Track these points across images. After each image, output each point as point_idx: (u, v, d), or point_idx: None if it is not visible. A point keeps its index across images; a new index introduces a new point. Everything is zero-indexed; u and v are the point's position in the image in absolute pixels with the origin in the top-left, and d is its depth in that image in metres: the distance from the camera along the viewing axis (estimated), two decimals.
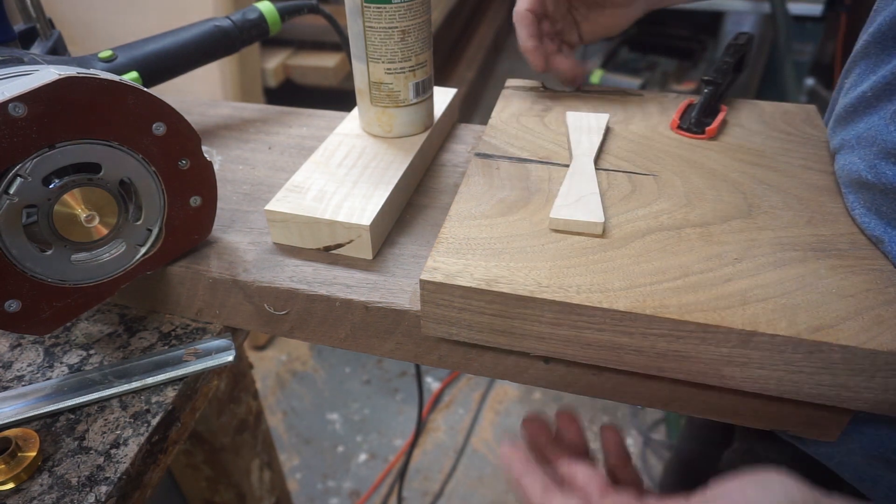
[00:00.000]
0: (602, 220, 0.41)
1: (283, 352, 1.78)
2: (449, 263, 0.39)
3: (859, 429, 0.41)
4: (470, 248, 0.40)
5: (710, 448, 0.65)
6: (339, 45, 0.60)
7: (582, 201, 0.43)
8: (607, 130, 0.53)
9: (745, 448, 0.58)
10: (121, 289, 0.44)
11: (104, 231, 0.41)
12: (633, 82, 2.12)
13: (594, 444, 1.52)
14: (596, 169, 0.48)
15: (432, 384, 1.68)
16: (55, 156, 0.37)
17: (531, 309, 0.38)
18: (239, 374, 0.81)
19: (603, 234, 0.41)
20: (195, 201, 0.45)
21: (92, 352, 0.46)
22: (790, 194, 0.45)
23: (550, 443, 0.44)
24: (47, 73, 0.36)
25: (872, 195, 0.40)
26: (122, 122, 0.39)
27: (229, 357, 0.46)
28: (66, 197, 0.38)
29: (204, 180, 0.44)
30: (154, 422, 0.42)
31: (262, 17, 0.60)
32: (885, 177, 0.39)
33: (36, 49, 0.53)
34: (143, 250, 0.44)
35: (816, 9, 2.02)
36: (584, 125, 0.53)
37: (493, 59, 2.99)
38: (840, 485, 0.47)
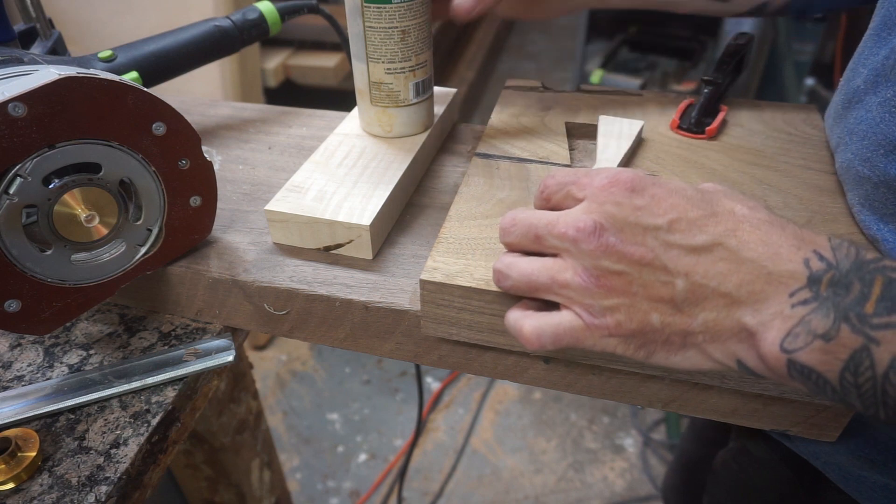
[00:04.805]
0: None
1: (283, 352, 1.78)
2: (449, 263, 0.39)
3: (846, 429, 0.42)
4: (470, 248, 0.40)
5: (711, 449, 0.65)
6: (339, 45, 0.60)
7: None
8: (641, 140, 0.52)
9: (738, 447, 0.58)
10: (121, 289, 0.44)
11: (104, 231, 0.41)
12: (633, 82, 2.12)
13: (592, 444, 1.52)
14: None
15: (432, 384, 1.68)
16: (55, 156, 0.37)
17: None
18: (239, 374, 0.81)
19: None
20: (195, 201, 0.45)
21: (92, 352, 0.46)
22: (790, 194, 0.45)
23: None
24: (47, 73, 0.36)
25: (866, 190, 0.40)
26: (122, 122, 0.39)
27: (229, 357, 0.46)
28: (66, 197, 0.38)
29: (204, 180, 0.44)
30: (154, 422, 0.42)
31: (262, 17, 0.60)
32: (878, 168, 0.39)
33: (36, 49, 0.53)
34: (143, 250, 0.44)
35: None
36: (615, 131, 0.52)
37: (493, 59, 2.99)
38: (829, 482, 0.47)
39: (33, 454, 0.38)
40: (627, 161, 0.49)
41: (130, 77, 0.53)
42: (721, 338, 0.30)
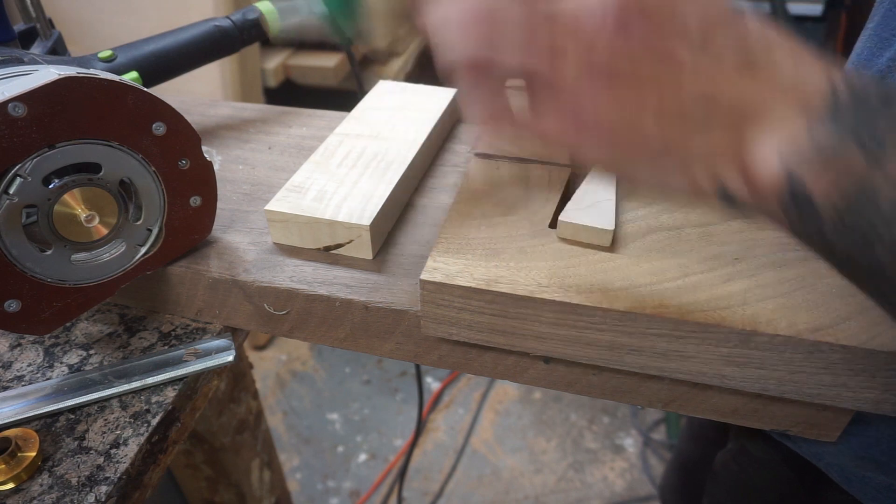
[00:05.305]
0: (612, 227, 0.40)
1: (283, 352, 1.78)
2: (449, 263, 0.39)
3: (848, 429, 0.42)
4: (470, 248, 0.40)
5: (709, 449, 0.65)
6: (339, 45, 0.60)
7: (595, 207, 0.42)
8: None
9: (738, 448, 0.58)
10: (121, 289, 0.44)
11: (104, 231, 0.41)
12: None
13: (592, 444, 1.52)
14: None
15: (432, 384, 1.68)
16: (55, 156, 0.37)
17: (531, 309, 0.37)
18: (239, 374, 0.81)
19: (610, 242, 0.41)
20: (195, 201, 0.45)
21: (92, 352, 0.46)
22: None
23: None
24: (47, 73, 0.36)
25: None
26: (122, 122, 0.39)
27: (229, 357, 0.46)
28: (66, 197, 0.38)
29: (204, 180, 0.44)
30: (154, 422, 0.42)
31: (262, 17, 0.60)
32: None
33: (36, 49, 0.53)
34: (143, 250, 0.44)
35: (816, 9, 2.02)
36: None
37: None
38: (830, 483, 0.47)
39: (33, 454, 0.38)
40: None
41: (130, 77, 0.53)
42: (712, 153, 0.27)
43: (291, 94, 1.74)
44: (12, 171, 0.36)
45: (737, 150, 0.26)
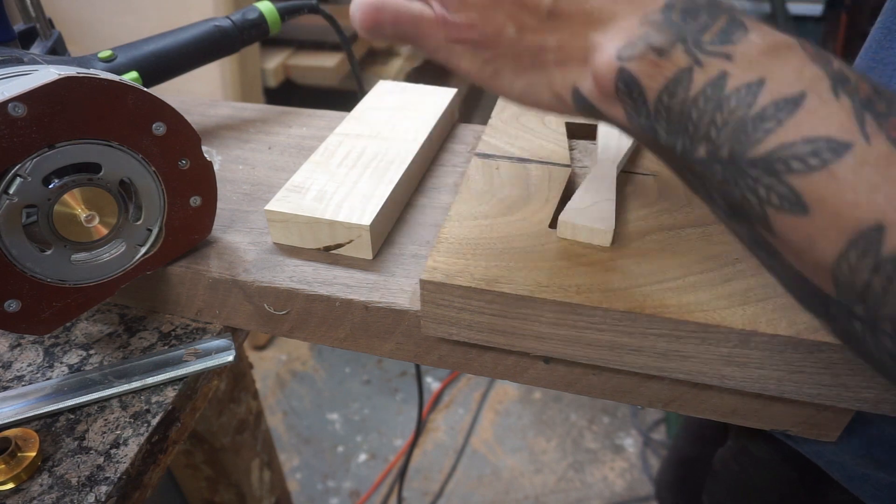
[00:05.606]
0: (611, 228, 0.40)
1: (283, 352, 1.78)
2: (449, 263, 0.39)
3: (849, 428, 0.42)
4: (470, 248, 0.40)
5: (706, 447, 0.65)
6: (339, 45, 0.60)
7: (595, 207, 0.42)
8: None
9: (739, 447, 0.58)
10: (121, 289, 0.44)
11: (104, 231, 0.41)
12: None
13: (592, 444, 1.52)
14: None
15: (432, 384, 1.68)
16: (55, 156, 0.37)
17: (531, 309, 0.38)
18: (239, 374, 0.81)
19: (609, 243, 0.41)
20: (195, 201, 0.45)
21: (92, 352, 0.46)
22: None
23: None
24: (47, 73, 0.36)
25: None
26: (122, 122, 0.39)
27: (229, 357, 0.46)
28: (66, 197, 0.38)
29: (204, 180, 0.44)
30: (154, 422, 0.42)
31: (262, 17, 0.60)
32: None
33: (36, 49, 0.53)
34: (143, 250, 0.44)
35: (816, 9, 2.02)
36: (616, 130, 0.51)
37: None
38: (831, 482, 0.47)
39: (33, 454, 0.38)
40: (629, 160, 0.49)
41: (130, 77, 0.53)
42: (568, 60, 0.30)
43: (291, 94, 1.74)
44: (12, 171, 0.36)
45: (586, 55, 0.29)
